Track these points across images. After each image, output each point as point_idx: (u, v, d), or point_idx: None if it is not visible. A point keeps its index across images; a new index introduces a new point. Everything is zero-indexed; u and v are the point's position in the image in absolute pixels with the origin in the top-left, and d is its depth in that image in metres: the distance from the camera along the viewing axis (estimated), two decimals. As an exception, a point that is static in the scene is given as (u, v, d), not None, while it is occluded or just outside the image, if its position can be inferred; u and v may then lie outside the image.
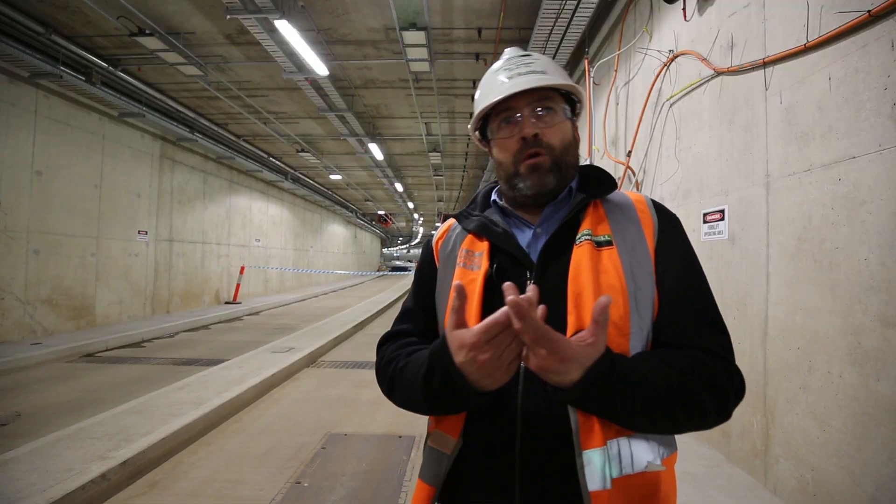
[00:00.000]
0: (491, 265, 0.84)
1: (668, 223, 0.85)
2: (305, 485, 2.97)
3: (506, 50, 0.93)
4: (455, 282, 0.71)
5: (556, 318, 0.75)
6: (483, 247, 0.87)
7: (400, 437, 3.74)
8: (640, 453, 0.72)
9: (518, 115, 0.84)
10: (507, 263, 0.84)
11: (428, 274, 0.95)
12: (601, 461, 0.70)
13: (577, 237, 0.81)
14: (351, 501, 2.79)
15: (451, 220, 0.97)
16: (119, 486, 2.85)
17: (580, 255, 0.79)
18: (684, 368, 0.73)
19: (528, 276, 0.81)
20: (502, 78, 0.86)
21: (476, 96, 0.92)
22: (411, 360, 0.83)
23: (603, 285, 0.76)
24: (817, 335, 2.33)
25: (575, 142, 0.89)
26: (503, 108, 0.85)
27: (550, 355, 0.64)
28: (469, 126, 0.94)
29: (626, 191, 0.91)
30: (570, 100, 0.89)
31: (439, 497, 0.82)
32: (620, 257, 0.79)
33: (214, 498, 2.81)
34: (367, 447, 3.56)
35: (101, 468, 2.77)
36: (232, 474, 3.10)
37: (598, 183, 0.88)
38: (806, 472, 2.37)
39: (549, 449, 0.75)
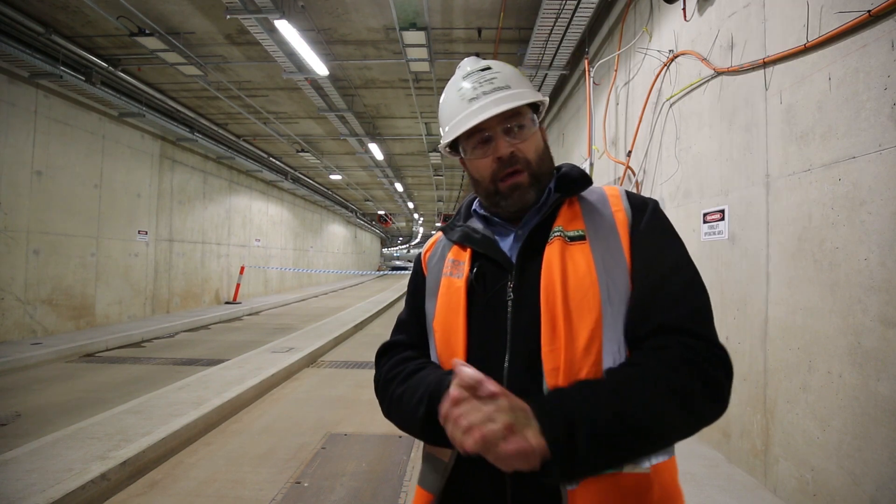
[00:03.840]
0: (471, 271, 0.86)
1: (641, 212, 0.84)
2: (305, 485, 2.97)
3: (463, 62, 0.91)
4: (462, 370, 0.67)
5: (534, 316, 0.77)
6: (466, 255, 0.88)
7: (400, 437, 3.73)
8: None
9: (489, 134, 0.83)
10: (487, 268, 0.85)
11: (418, 286, 0.97)
12: None
13: (550, 235, 0.82)
14: (351, 501, 2.79)
15: (440, 233, 0.99)
16: (119, 486, 2.85)
17: (551, 251, 0.80)
18: (643, 376, 0.70)
19: (509, 278, 0.83)
20: (468, 97, 0.84)
21: (441, 111, 0.90)
22: (408, 386, 0.83)
23: (571, 279, 0.77)
24: (817, 335, 2.33)
25: (546, 148, 0.89)
26: (476, 130, 0.84)
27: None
28: (439, 146, 0.93)
29: (603, 185, 0.91)
30: (534, 104, 0.88)
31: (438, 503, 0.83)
32: (592, 250, 0.79)
33: (214, 498, 2.81)
34: (367, 447, 3.56)
35: (101, 468, 2.77)
36: (232, 474, 3.10)
37: (573, 181, 0.88)
38: (806, 472, 2.37)
39: None
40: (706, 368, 0.71)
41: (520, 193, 0.84)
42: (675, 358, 0.71)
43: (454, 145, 0.90)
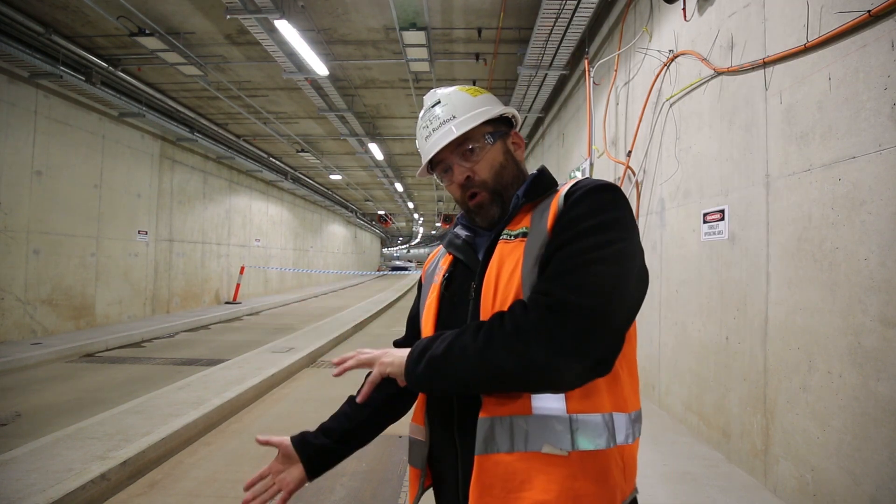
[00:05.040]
0: (445, 274, 0.96)
1: (571, 199, 0.82)
2: (305, 485, 2.96)
3: (425, 97, 1.00)
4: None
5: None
6: (448, 260, 1.00)
7: (400, 437, 3.73)
8: (539, 433, 0.76)
9: (448, 163, 0.94)
10: (461, 270, 0.95)
11: (417, 295, 1.10)
12: (484, 431, 0.78)
13: (499, 238, 0.89)
14: (351, 501, 2.79)
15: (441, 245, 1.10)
16: (119, 486, 2.85)
17: (495, 253, 0.87)
18: (465, 328, 0.79)
19: (476, 277, 0.90)
20: (424, 136, 0.96)
21: (417, 144, 1.03)
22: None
23: (503, 276, 0.83)
24: (817, 335, 2.33)
25: (509, 158, 0.96)
26: (437, 161, 0.95)
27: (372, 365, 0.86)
28: (416, 175, 1.08)
29: (570, 180, 0.93)
30: (498, 117, 0.95)
31: (425, 474, 0.96)
32: (525, 245, 0.83)
33: (214, 498, 2.81)
34: (367, 447, 3.53)
35: (101, 468, 2.77)
36: (232, 474, 3.10)
37: (539, 186, 0.93)
38: (806, 472, 2.37)
39: (473, 418, 0.81)
40: (523, 317, 0.73)
41: (484, 211, 0.93)
42: (507, 311, 0.77)
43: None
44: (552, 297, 0.72)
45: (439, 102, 0.95)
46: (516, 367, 0.72)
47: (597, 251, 0.75)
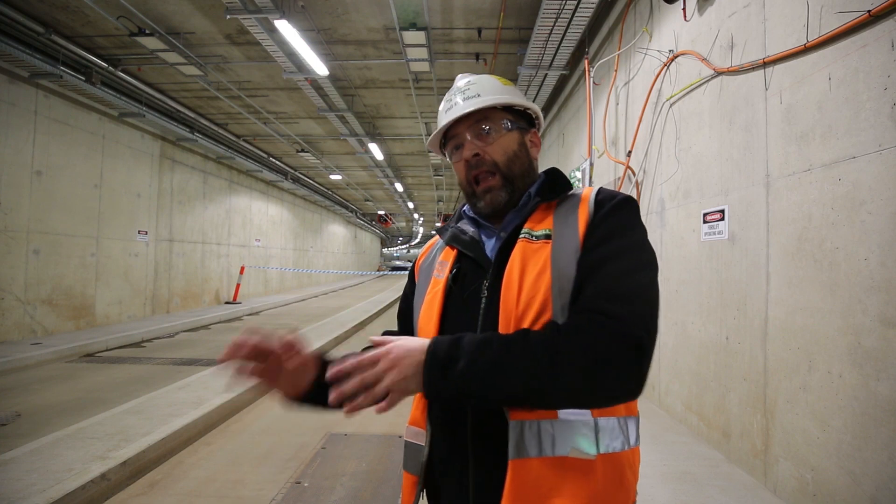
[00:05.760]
0: (451, 270, 0.92)
1: (602, 208, 0.85)
2: (305, 485, 2.97)
3: (455, 79, 0.99)
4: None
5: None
6: (452, 255, 0.95)
7: (400, 436, 3.73)
8: (565, 437, 0.75)
9: (461, 140, 0.92)
10: (469, 267, 0.91)
11: (408, 291, 1.06)
12: (518, 435, 0.76)
13: (519, 236, 0.87)
14: (351, 501, 2.79)
15: (436, 237, 1.05)
16: (119, 486, 2.85)
17: (515, 251, 0.85)
18: (513, 339, 0.73)
19: (487, 276, 0.88)
20: (445, 109, 0.94)
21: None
22: None
23: (528, 276, 0.81)
24: (817, 335, 2.33)
25: (524, 150, 0.94)
26: (451, 136, 0.94)
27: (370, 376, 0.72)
28: (426, 147, 1.03)
29: (587, 186, 0.93)
30: (521, 111, 0.95)
31: (423, 483, 0.89)
32: (552, 248, 0.82)
33: (214, 498, 2.81)
34: (367, 447, 3.56)
35: (101, 468, 2.77)
36: (232, 474, 3.10)
37: (554, 186, 0.93)
38: (806, 472, 2.38)
39: (493, 423, 0.79)
40: (594, 341, 0.71)
41: (492, 196, 0.91)
42: (568, 328, 0.73)
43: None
44: (626, 325, 0.72)
45: (470, 81, 0.95)
46: (590, 394, 0.73)
47: (642, 273, 0.80)
